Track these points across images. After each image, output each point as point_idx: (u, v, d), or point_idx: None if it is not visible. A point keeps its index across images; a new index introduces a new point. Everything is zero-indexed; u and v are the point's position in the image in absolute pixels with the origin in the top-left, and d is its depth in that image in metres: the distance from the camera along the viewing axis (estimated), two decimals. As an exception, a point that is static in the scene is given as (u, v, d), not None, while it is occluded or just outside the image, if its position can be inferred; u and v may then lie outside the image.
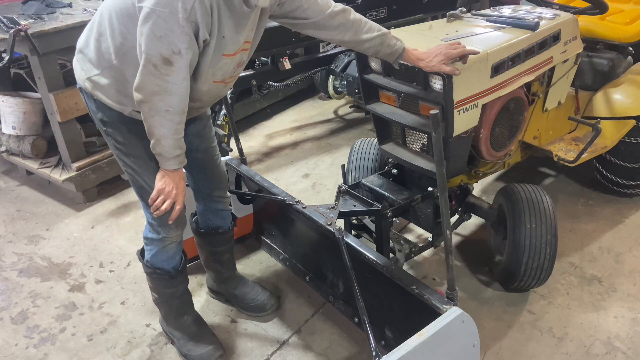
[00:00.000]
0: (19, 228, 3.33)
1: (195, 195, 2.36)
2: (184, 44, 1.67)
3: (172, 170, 1.87)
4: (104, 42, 1.82)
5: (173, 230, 2.08)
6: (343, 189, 2.42)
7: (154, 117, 1.75)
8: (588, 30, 3.01)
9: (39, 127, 3.63)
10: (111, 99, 1.88)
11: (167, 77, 1.69)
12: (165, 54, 1.66)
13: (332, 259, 2.32)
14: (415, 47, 2.18)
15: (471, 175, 2.60)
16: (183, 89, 1.75)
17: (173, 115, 1.76)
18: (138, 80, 1.71)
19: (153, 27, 1.63)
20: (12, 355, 2.38)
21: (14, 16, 3.27)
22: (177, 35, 1.65)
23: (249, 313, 2.51)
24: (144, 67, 1.68)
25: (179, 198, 1.92)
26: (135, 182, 2.04)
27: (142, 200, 2.05)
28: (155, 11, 1.62)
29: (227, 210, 2.41)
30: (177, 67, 1.69)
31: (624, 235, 2.93)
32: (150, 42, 1.65)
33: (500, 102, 2.28)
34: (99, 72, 1.86)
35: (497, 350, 2.26)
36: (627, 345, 2.26)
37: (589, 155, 2.84)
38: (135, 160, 1.98)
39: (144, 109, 1.75)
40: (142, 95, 1.72)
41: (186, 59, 1.70)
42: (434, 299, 1.77)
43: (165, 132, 1.78)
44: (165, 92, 1.72)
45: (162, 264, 2.15)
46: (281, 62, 3.84)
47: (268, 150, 4.14)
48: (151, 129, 1.78)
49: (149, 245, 2.14)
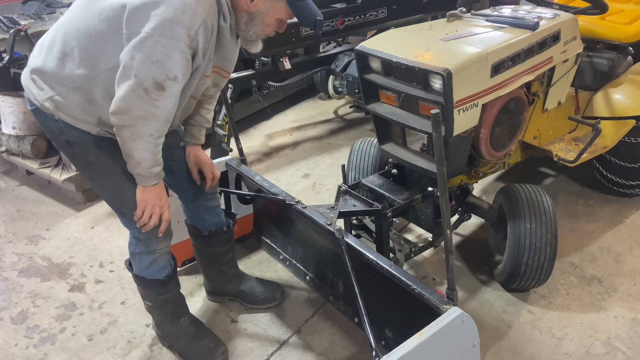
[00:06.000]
0: (19, 228, 3.33)
1: (187, 200, 2.33)
2: (182, 69, 1.66)
3: (149, 185, 1.85)
4: (70, 63, 1.76)
5: (162, 241, 2.05)
6: (343, 189, 2.42)
7: (135, 141, 1.71)
8: (588, 30, 3.01)
9: (38, 127, 3.61)
10: (77, 118, 1.81)
11: (157, 102, 1.67)
12: (159, 79, 1.64)
13: (332, 259, 2.32)
14: (415, 47, 2.19)
15: (471, 175, 2.60)
16: (170, 114, 1.74)
17: (156, 139, 1.75)
18: (121, 104, 1.66)
19: (149, 52, 1.61)
20: (12, 355, 2.38)
21: (14, 16, 3.28)
22: (176, 62, 1.64)
23: (259, 306, 2.51)
24: (132, 91, 1.64)
25: (165, 209, 1.91)
26: (114, 200, 1.98)
27: (124, 217, 1.98)
28: (153, 37, 1.61)
29: (219, 206, 2.40)
30: (169, 92, 1.68)
31: (624, 235, 2.93)
32: (145, 67, 1.62)
33: (500, 102, 2.28)
34: (62, 91, 1.79)
35: (497, 350, 2.26)
36: (627, 345, 2.26)
37: (589, 155, 2.84)
38: (111, 178, 1.91)
39: (124, 133, 1.70)
40: (125, 118, 1.67)
41: (181, 84, 1.70)
42: (434, 299, 1.77)
43: (146, 155, 1.76)
44: (153, 117, 1.69)
45: (154, 275, 2.11)
46: (281, 62, 3.85)
47: (268, 150, 4.14)
48: (131, 152, 1.74)
49: (137, 259, 2.08)
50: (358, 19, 3.96)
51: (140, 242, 2.03)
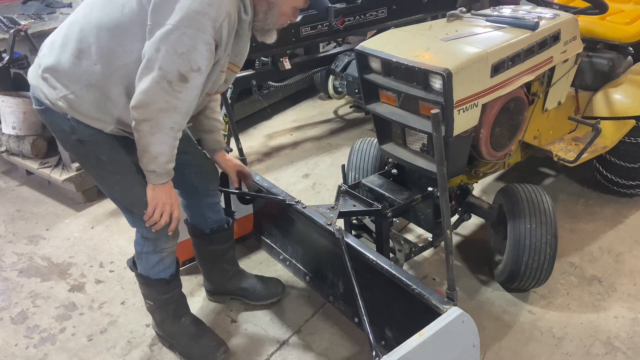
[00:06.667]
0: (19, 228, 3.33)
1: (190, 197, 2.33)
2: (206, 61, 1.67)
3: (161, 184, 1.85)
4: (86, 59, 1.76)
5: (170, 240, 2.05)
6: (343, 189, 2.42)
7: (155, 134, 1.71)
8: (588, 30, 3.01)
9: (39, 127, 3.63)
10: (91, 116, 1.81)
11: (179, 94, 1.67)
12: (183, 71, 1.65)
13: (332, 259, 2.32)
14: (415, 47, 2.19)
15: (471, 175, 2.60)
16: (192, 106, 1.74)
17: (176, 132, 1.75)
18: (143, 97, 1.66)
19: (175, 44, 1.62)
20: (12, 355, 2.38)
21: (14, 16, 3.28)
22: (201, 54, 1.65)
23: (261, 302, 2.52)
24: (156, 84, 1.64)
25: (175, 207, 1.91)
26: (124, 199, 1.96)
27: (134, 216, 1.98)
28: (180, 28, 1.61)
29: (220, 203, 2.41)
30: (192, 84, 1.68)
31: (624, 235, 2.93)
32: (170, 59, 1.63)
33: (500, 102, 2.28)
34: (76, 89, 1.78)
35: (497, 350, 2.26)
36: (627, 345, 2.26)
37: (589, 155, 2.84)
38: (123, 177, 1.91)
39: (144, 127, 1.70)
40: (146, 112, 1.67)
41: (204, 76, 1.70)
42: (434, 299, 1.77)
43: (165, 149, 1.75)
44: (174, 110, 1.69)
45: (159, 274, 2.11)
46: (281, 62, 3.84)
47: (268, 150, 4.14)
48: (148, 146, 1.73)
49: (144, 258, 2.08)
50: (358, 19, 3.96)
51: (148, 241, 2.03)
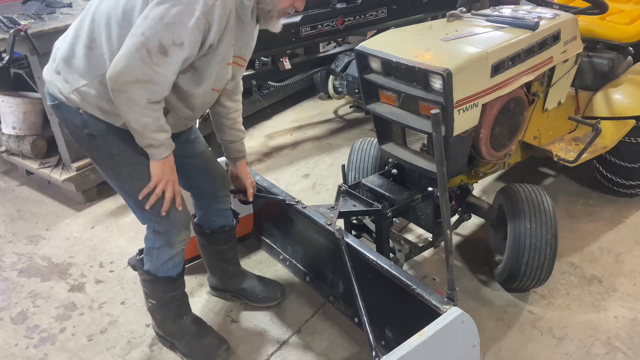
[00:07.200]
0: (19, 228, 3.33)
1: (199, 200, 2.34)
2: (190, 36, 1.65)
3: (163, 158, 1.85)
4: (98, 49, 1.76)
5: (183, 232, 2.03)
6: (343, 189, 2.42)
7: (132, 108, 1.70)
8: (588, 30, 3.01)
9: (39, 127, 3.63)
10: (103, 110, 1.82)
11: (156, 67, 1.65)
12: (164, 42, 1.63)
13: (332, 259, 2.32)
14: (415, 47, 2.19)
15: (471, 175, 2.60)
16: (169, 81, 1.72)
17: (155, 104, 1.73)
18: (121, 65, 1.64)
19: (163, 12, 1.61)
20: (12, 355, 2.38)
21: (14, 16, 3.27)
22: (186, 28, 1.63)
23: (260, 304, 2.52)
24: (136, 50, 1.62)
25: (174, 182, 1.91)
26: (134, 192, 1.94)
27: (143, 210, 1.96)
28: (171, 1, 1.61)
29: (229, 209, 2.41)
30: (171, 58, 1.66)
31: (624, 235, 2.93)
32: (154, 26, 1.61)
33: (501, 102, 2.28)
34: (88, 81, 1.79)
35: (497, 350, 2.26)
36: (627, 345, 2.26)
37: (589, 155, 2.84)
38: (133, 168, 1.91)
39: (121, 99, 1.68)
40: (121, 81, 1.65)
41: (186, 53, 1.68)
42: (434, 299, 1.77)
43: (148, 121, 1.74)
44: (150, 82, 1.67)
45: (167, 272, 2.10)
46: (281, 62, 3.85)
47: (268, 150, 4.14)
48: (130, 122, 1.73)
49: (155, 254, 2.07)
50: (358, 19, 3.97)
51: (160, 235, 2.02)
